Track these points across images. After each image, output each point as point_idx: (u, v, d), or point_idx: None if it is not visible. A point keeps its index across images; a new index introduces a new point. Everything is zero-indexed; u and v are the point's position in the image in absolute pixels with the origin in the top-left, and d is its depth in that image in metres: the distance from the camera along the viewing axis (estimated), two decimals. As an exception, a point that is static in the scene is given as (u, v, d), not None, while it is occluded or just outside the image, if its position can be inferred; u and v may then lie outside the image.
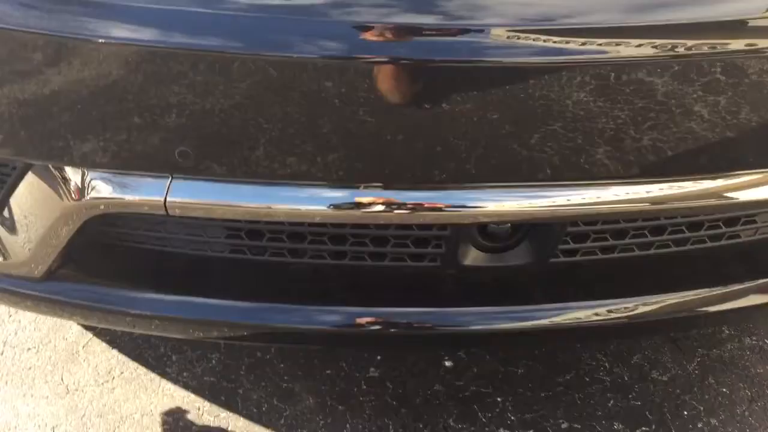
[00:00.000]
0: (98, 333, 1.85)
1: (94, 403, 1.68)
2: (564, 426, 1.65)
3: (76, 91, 1.04)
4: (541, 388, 1.73)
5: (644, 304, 1.30)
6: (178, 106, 1.04)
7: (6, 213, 1.24)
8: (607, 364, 1.80)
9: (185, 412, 1.66)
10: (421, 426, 1.64)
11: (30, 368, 1.77)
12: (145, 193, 1.10)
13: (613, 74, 1.02)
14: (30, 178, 1.18)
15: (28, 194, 1.20)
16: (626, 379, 1.76)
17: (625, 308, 1.29)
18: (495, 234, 1.24)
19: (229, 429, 1.62)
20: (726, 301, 1.35)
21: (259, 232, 1.25)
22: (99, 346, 1.83)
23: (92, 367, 1.77)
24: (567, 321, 1.28)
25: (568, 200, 1.13)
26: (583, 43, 1.01)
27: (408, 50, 1.00)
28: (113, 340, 1.84)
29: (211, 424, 1.63)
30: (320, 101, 1.02)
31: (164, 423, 1.64)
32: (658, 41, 1.02)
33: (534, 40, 1.01)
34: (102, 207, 1.13)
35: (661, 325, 1.40)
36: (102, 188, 1.12)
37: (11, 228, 1.25)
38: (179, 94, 1.03)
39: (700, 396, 1.73)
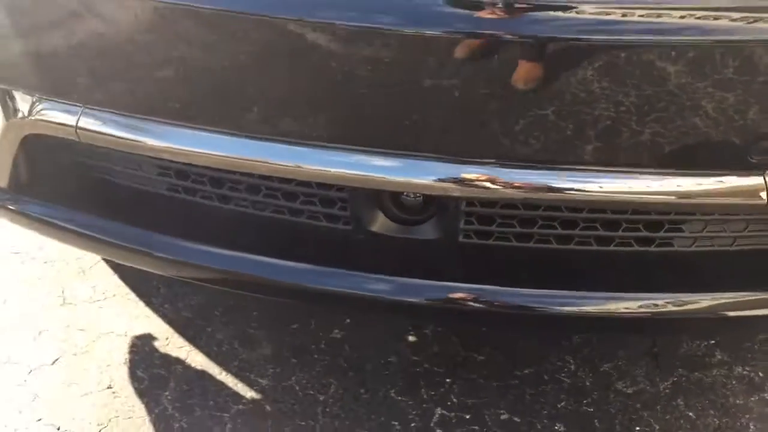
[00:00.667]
0: (108, 257, 2.02)
1: (81, 318, 1.84)
2: (503, 417, 1.62)
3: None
4: (494, 378, 1.71)
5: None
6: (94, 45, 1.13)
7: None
8: (572, 367, 1.74)
9: (154, 339, 1.78)
10: (362, 391, 1.67)
11: (40, 278, 1.96)
12: (62, 118, 1.20)
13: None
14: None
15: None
16: (587, 384, 1.70)
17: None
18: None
19: (186, 361, 1.73)
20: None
21: (186, 173, 1.33)
22: (105, 269, 1.99)
23: (91, 286, 1.94)
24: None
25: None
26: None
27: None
28: (119, 266, 1.99)
29: (171, 354, 1.74)
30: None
31: (132, 345, 1.77)
32: None
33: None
34: (35, 126, 1.25)
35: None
36: (34, 110, 1.24)
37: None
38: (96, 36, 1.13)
39: (661, 415, 1.64)
